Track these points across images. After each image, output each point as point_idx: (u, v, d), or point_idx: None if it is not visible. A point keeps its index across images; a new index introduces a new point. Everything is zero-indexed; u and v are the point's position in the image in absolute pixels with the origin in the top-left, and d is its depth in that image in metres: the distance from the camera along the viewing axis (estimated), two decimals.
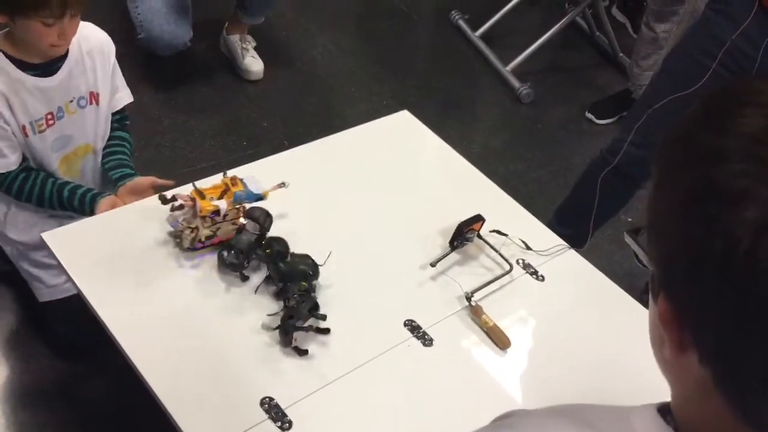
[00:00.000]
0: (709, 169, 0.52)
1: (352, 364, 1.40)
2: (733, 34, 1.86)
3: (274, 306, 1.45)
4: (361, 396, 1.36)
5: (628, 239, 0.65)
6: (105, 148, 1.92)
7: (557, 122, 3.19)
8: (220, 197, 1.52)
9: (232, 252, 1.48)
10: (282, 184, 1.60)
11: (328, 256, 1.53)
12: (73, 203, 1.79)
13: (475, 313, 1.52)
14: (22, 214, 1.87)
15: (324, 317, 1.42)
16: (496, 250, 1.65)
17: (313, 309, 1.42)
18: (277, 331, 1.39)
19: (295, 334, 1.38)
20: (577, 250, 1.75)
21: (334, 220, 1.66)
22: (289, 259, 1.49)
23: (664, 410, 0.62)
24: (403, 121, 2.01)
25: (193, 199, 1.51)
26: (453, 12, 3.51)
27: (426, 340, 1.47)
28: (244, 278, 1.50)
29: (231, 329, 1.42)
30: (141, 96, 2.49)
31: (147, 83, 2.79)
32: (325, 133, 1.93)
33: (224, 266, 1.50)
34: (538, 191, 2.80)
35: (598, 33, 3.59)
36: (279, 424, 1.27)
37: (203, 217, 1.49)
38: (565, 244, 1.73)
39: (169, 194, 1.53)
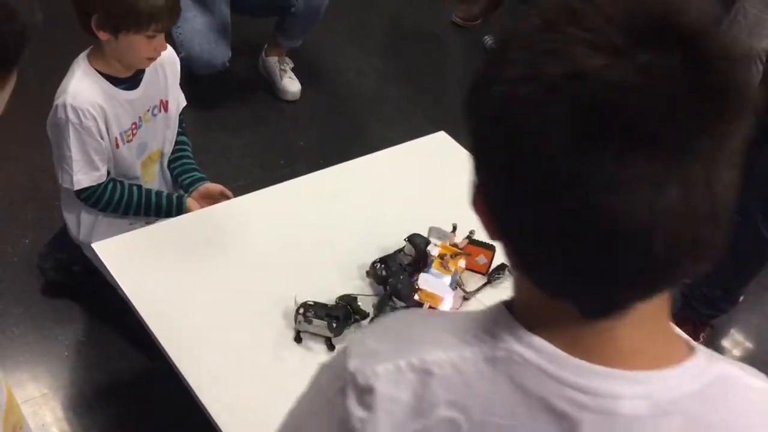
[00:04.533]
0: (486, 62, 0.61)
1: None
2: None
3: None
4: None
5: None
6: (172, 152, 2.03)
7: None
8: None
9: (382, 266, 1.57)
10: None
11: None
12: (161, 206, 1.90)
13: None
14: (106, 224, 1.95)
15: (331, 328, 1.46)
16: None
17: (324, 317, 1.46)
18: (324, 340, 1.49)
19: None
20: None
21: (373, 238, 1.69)
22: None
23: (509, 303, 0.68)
24: (440, 141, 2.04)
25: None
26: (486, 37, 3.56)
27: None
28: (385, 290, 1.56)
29: (278, 338, 1.46)
30: None
31: (186, 101, 2.85)
32: (362, 152, 1.97)
33: (372, 276, 1.57)
34: None
35: None
36: None
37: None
38: None
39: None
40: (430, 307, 1.48)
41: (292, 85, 3.02)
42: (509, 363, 0.62)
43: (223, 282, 1.57)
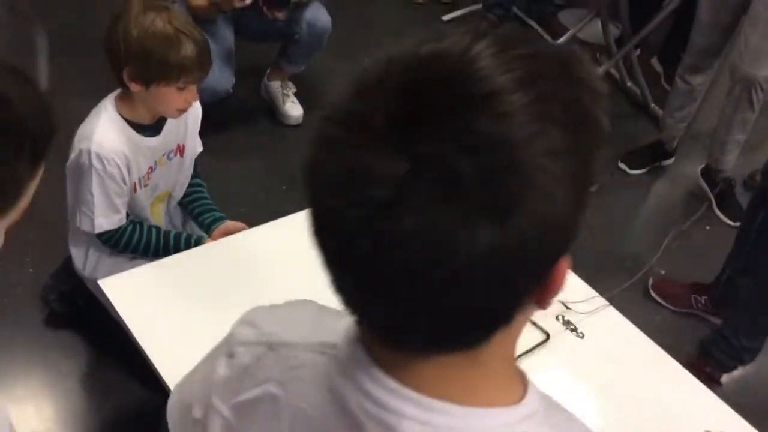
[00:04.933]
0: None
1: None
2: None
3: None
4: None
5: None
6: (189, 194, 2.03)
7: None
8: None
9: None
10: None
11: None
12: (179, 248, 1.87)
13: None
14: (109, 260, 1.94)
15: None
16: (531, 322, 1.67)
17: None
18: None
19: None
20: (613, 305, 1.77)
21: None
22: None
23: None
24: None
25: None
26: None
27: None
28: None
29: None
30: None
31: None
32: None
33: None
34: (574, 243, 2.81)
35: (629, 83, 3.63)
36: None
37: None
38: (605, 301, 1.76)
39: None
40: None
41: (294, 109, 3.03)
42: (330, 359, 0.67)
43: (231, 318, 1.56)
